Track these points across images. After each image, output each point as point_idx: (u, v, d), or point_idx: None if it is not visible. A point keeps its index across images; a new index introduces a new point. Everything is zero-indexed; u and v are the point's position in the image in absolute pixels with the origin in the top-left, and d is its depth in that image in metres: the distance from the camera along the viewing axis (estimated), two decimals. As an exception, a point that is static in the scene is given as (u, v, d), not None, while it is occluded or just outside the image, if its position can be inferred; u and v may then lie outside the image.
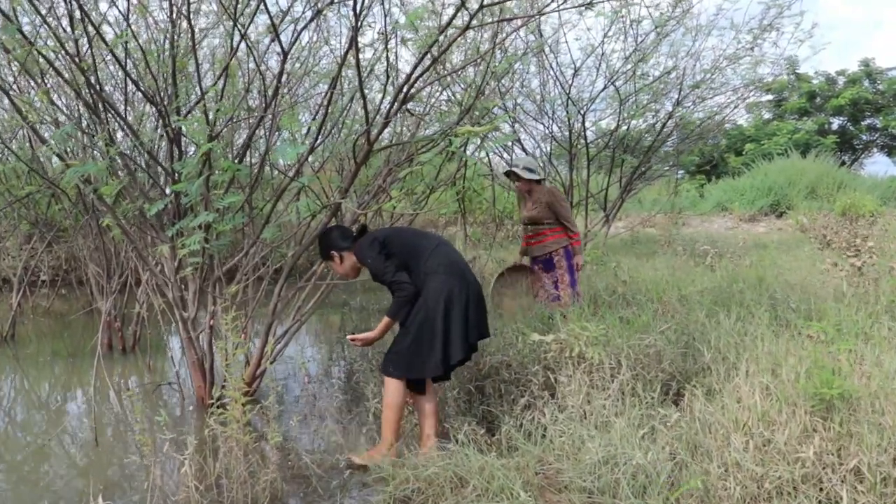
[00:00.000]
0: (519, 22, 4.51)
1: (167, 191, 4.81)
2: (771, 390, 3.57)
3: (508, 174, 6.51)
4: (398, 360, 4.07)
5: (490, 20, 4.32)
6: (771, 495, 3.05)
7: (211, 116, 4.51)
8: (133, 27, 4.56)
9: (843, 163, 23.06)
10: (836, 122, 26.34)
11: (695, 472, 3.25)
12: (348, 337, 4.27)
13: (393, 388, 4.08)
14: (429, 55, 3.90)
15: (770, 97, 25.66)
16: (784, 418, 3.34)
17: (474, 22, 3.82)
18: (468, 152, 6.73)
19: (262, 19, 6.09)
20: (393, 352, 4.12)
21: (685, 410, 3.86)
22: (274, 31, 4.03)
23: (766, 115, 26.80)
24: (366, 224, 4.59)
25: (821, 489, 3.05)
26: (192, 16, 4.40)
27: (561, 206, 6.37)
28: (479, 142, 6.81)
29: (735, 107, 10.03)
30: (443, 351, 4.01)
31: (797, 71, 23.83)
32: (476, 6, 3.74)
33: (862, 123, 26.11)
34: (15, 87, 5.90)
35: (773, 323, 4.76)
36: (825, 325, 4.21)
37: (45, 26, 4.34)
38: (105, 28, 5.13)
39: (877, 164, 26.03)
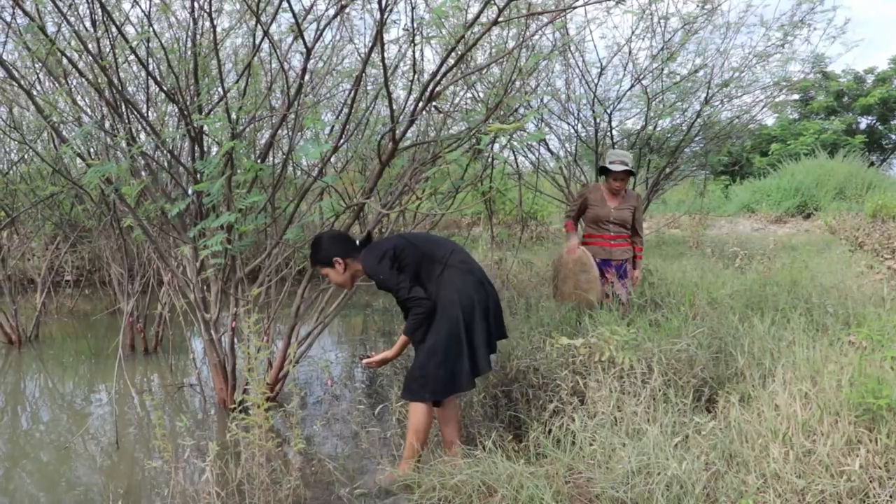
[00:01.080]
0: (546, 18, 4.40)
1: (189, 191, 4.74)
2: (810, 398, 3.44)
3: (604, 170, 5.88)
4: (429, 382, 3.81)
5: (517, 17, 4.21)
6: (813, 509, 2.92)
7: (233, 115, 4.44)
8: (155, 26, 4.50)
9: (872, 163, 22.71)
10: (864, 122, 25.96)
11: (732, 483, 3.13)
12: (363, 362, 4.03)
13: (422, 412, 3.85)
14: (455, 52, 3.80)
15: (797, 96, 25.34)
16: (826, 428, 3.21)
17: (501, 18, 3.72)
18: (493, 150, 6.57)
19: (284, 18, 6.04)
20: (420, 375, 3.83)
21: (720, 418, 3.73)
22: (297, 28, 3.95)
23: (793, 115, 26.47)
24: (371, 231, 4.36)
25: (866, 504, 2.92)
26: (214, 15, 4.33)
27: (641, 213, 6.10)
28: (504, 141, 6.68)
29: (764, 106, 9.84)
30: (470, 363, 3.87)
31: (825, 69, 23.48)
32: (503, 1, 3.64)
33: (891, 123, 25.70)
34: (38, 87, 5.88)
35: (809, 328, 4.61)
36: (870, 331, 4.06)
37: (68, 25, 4.29)
38: (127, 28, 5.10)
39: (906, 165, 25.55)
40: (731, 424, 3.55)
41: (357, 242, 4.05)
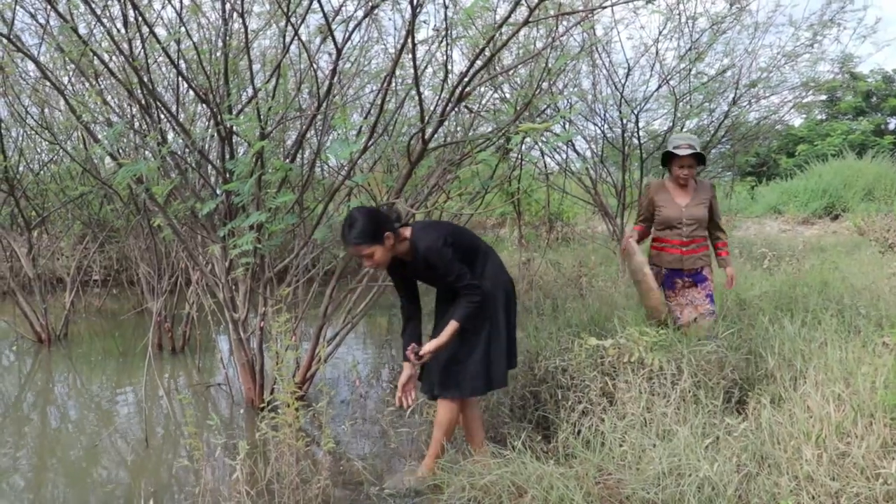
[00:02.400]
0: (575, 18, 4.39)
1: (218, 191, 4.78)
2: (844, 400, 3.41)
3: (666, 157, 5.14)
4: (468, 378, 3.79)
5: (546, 17, 4.20)
6: (848, 512, 2.89)
7: (262, 115, 4.46)
8: (186, 27, 4.54)
9: (901, 164, 22.43)
10: (893, 123, 25.63)
11: (764, 484, 3.10)
12: (422, 353, 3.77)
13: (454, 409, 3.83)
14: (484, 53, 3.80)
15: (824, 97, 25.07)
16: (860, 430, 3.17)
17: (531, 18, 3.72)
18: (521, 151, 6.54)
19: (313, 20, 6.07)
20: (458, 370, 3.80)
21: (751, 419, 3.70)
22: (328, 27, 3.97)
23: (820, 116, 26.20)
24: (399, 212, 4.08)
25: (903, 507, 2.88)
26: (245, 15, 4.36)
27: (718, 204, 5.24)
28: (532, 142, 6.65)
29: (792, 106, 9.76)
30: (507, 359, 3.89)
31: (853, 70, 23.24)
32: (533, 2, 3.63)
33: (921, 123, 25.39)
34: (70, 87, 5.94)
35: (841, 329, 4.56)
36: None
37: (100, 25, 4.34)
38: (158, 30, 5.14)
39: (936, 166, 25.22)
40: (762, 426, 3.52)
41: None
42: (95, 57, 4.47)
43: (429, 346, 3.75)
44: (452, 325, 3.71)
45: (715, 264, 5.22)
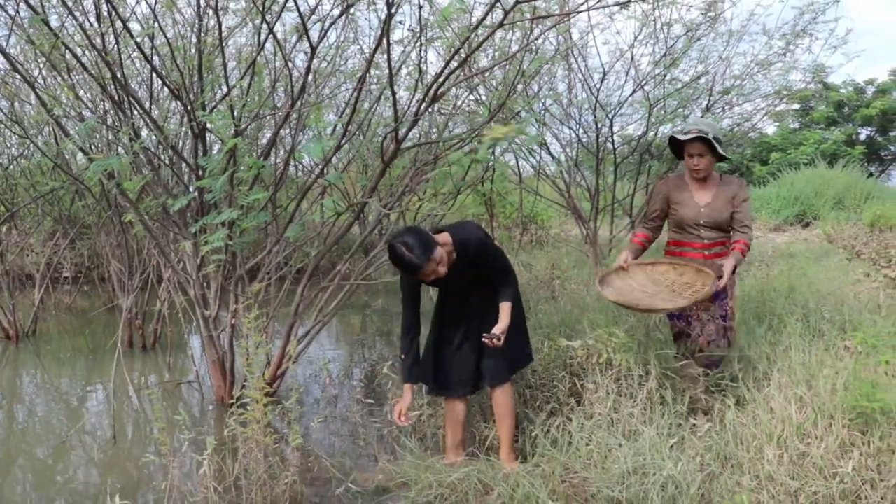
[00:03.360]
0: (550, 22, 4.43)
1: (191, 187, 4.77)
2: (806, 402, 3.47)
3: (675, 142, 4.38)
4: (516, 358, 3.99)
5: (522, 20, 4.24)
6: (807, 510, 2.95)
7: (236, 112, 4.46)
8: (160, 22, 4.53)
9: (871, 174, 22.76)
10: (864, 133, 26.01)
11: (726, 484, 3.15)
12: (494, 335, 3.64)
13: (512, 391, 3.94)
14: (459, 54, 3.83)
15: (797, 106, 25.39)
16: (820, 431, 3.24)
17: (506, 21, 3.75)
18: (495, 154, 6.55)
19: (289, 18, 6.06)
20: (514, 355, 3.94)
21: (715, 420, 3.75)
22: (303, 27, 3.97)
23: (793, 125, 26.52)
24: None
25: (859, 506, 2.94)
26: (219, 12, 4.36)
27: (748, 205, 4.35)
28: (505, 145, 6.69)
29: (765, 114, 9.87)
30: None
31: (825, 80, 23.52)
32: (511, 2, 3.66)
33: (890, 134, 25.76)
34: (41, 80, 5.89)
35: (806, 333, 4.64)
36: (866, 336, 4.09)
37: (73, 19, 4.32)
38: (132, 25, 5.12)
39: (905, 178, 25.57)
40: (726, 427, 3.57)
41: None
42: (67, 51, 4.44)
43: (501, 327, 3.72)
44: (508, 306, 3.79)
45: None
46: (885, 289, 5.79)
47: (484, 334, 3.69)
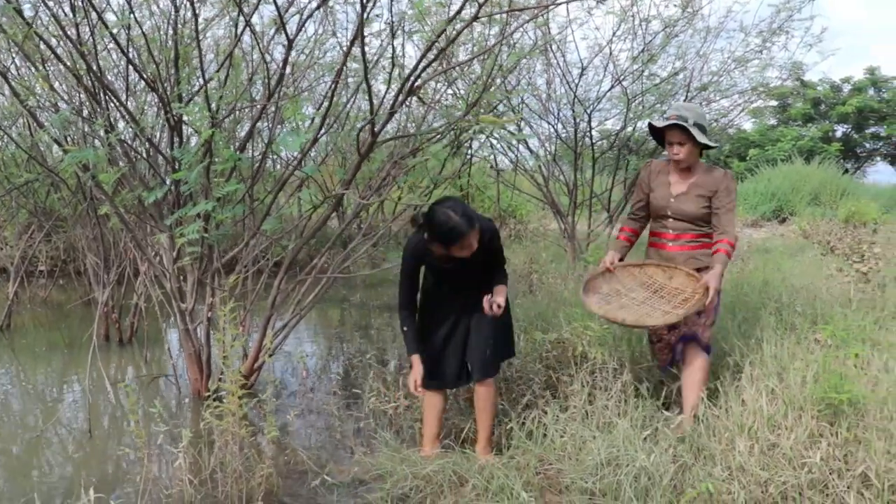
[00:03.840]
0: (527, 15, 4.45)
1: (167, 180, 4.74)
2: (777, 394, 3.52)
3: (654, 129, 4.18)
4: (505, 351, 4.01)
5: (498, 13, 4.26)
6: (776, 500, 3.00)
7: (213, 105, 4.44)
8: (136, 14, 4.50)
9: (846, 170, 23.02)
10: (840, 130, 26.29)
11: (698, 475, 3.19)
12: (496, 301, 3.75)
13: (496, 387, 3.94)
14: (436, 45, 3.84)
15: (774, 103, 25.61)
16: (790, 423, 3.28)
17: (482, 14, 3.76)
18: (474, 147, 6.57)
19: (266, 11, 6.04)
20: (501, 346, 3.95)
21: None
22: (280, 19, 3.97)
23: (771, 122, 26.75)
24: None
25: (827, 495, 3.00)
26: (195, 3, 4.34)
27: (728, 198, 4.01)
28: (483, 139, 6.70)
29: (742, 110, 9.95)
30: None
31: (802, 77, 23.74)
32: (485, -3, 3.68)
33: (866, 132, 26.07)
34: (14, 71, 5.83)
35: (778, 327, 4.69)
36: (835, 329, 4.15)
37: (46, 9, 4.28)
38: (108, 16, 5.08)
39: (879, 174, 25.88)
40: (699, 419, 3.61)
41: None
42: (42, 41, 4.40)
43: (501, 299, 3.79)
44: (504, 288, 3.87)
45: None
46: (857, 283, 5.86)
47: (486, 297, 3.75)
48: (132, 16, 4.37)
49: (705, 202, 4.00)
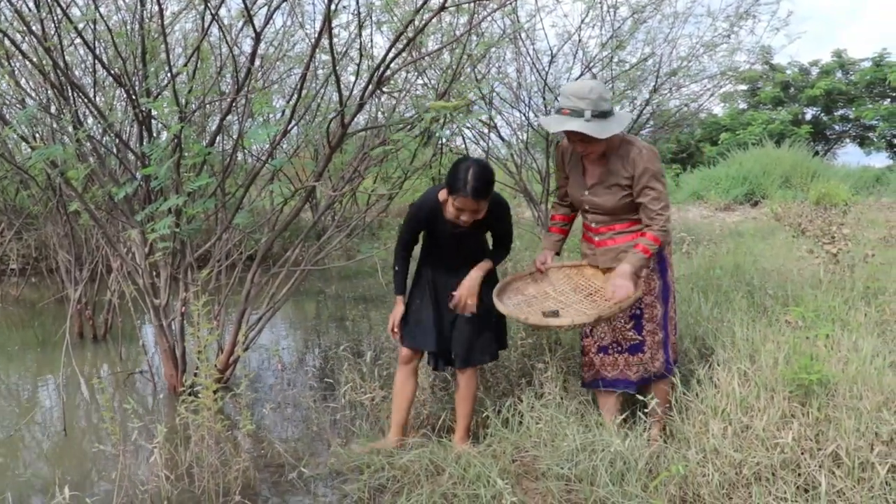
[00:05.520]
0: (495, 4, 4.45)
1: (137, 175, 4.70)
2: (749, 376, 3.56)
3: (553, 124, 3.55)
4: (497, 337, 3.96)
5: (466, 2, 4.25)
6: (749, 481, 3.03)
7: (182, 99, 4.41)
8: (102, 9, 4.45)
9: (817, 153, 23.27)
10: (809, 113, 26.56)
11: (673, 458, 3.23)
12: (467, 304, 3.76)
13: (478, 377, 3.94)
14: (404, 36, 3.83)
15: (745, 87, 25.83)
16: (763, 404, 3.32)
17: (449, 3, 3.75)
18: (444, 135, 6.55)
19: (234, 3, 5.98)
20: (488, 337, 3.87)
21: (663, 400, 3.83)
22: (247, 12, 3.94)
23: (742, 106, 26.97)
24: None
25: (799, 474, 3.04)
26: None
27: (651, 180, 3.44)
28: (453, 126, 6.68)
29: (711, 95, 10.02)
30: None
31: (771, 61, 23.95)
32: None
33: (835, 114, 26.36)
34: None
35: (750, 309, 4.75)
36: (804, 310, 4.21)
37: (8, 4, 4.23)
38: (73, 11, 5.02)
39: (849, 155, 26.38)
40: (673, 403, 3.65)
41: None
42: (6, 37, 4.34)
43: (473, 299, 3.78)
44: (489, 264, 3.85)
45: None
46: (827, 264, 5.93)
47: (451, 293, 3.78)
48: (97, 11, 4.32)
49: (623, 191, 3.51)
